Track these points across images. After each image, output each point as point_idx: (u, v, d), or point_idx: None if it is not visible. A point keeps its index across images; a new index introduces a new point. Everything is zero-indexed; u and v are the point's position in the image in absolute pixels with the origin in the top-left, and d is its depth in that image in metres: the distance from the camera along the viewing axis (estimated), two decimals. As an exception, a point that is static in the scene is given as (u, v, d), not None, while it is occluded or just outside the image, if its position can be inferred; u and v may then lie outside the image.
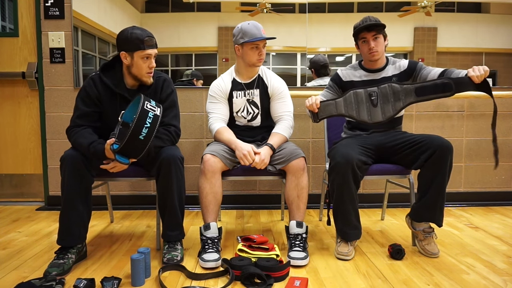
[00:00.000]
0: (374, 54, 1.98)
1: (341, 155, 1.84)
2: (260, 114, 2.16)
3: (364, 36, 1.98)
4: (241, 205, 2.87)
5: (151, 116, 1.66)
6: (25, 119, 2.88)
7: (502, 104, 2.89)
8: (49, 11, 2.72)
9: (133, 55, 1.81)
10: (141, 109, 1.64)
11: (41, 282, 1.50)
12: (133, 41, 1.79)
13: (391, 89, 1.85)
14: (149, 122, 1.65)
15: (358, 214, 1.91)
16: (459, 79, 1.79)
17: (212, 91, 2.15)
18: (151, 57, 1.84)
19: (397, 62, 2.06)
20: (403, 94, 1.84)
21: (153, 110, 1.68)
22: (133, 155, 1.72)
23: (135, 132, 1.63)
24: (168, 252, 1.83)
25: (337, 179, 1.84)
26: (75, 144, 1.81)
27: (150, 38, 1.82)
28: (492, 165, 2.93)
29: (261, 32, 2.01)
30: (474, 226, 2.40)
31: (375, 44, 1.96)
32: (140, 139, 1.64)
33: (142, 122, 1.63)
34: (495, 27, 2.87)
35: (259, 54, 2.03)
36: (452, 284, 1.60)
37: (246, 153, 1.92)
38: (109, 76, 1.89)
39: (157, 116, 1.69)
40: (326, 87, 2.15)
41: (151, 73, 1.88)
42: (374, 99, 1.86)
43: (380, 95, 1.86)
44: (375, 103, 1.86)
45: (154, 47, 1.84)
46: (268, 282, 1.56)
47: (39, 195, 2.93)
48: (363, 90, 1.87)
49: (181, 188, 1.87)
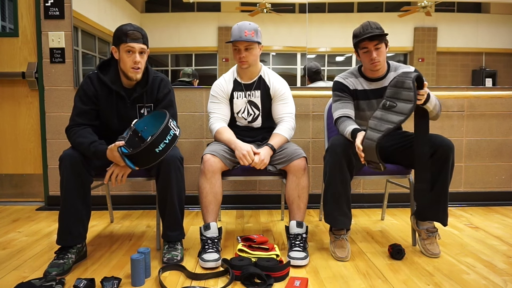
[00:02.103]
0: (376, 64, 1.90)
1: (337, 139, 1.87)
2: (260, 116, 2.15)
3: (365, 46, 1.88)
4: (241, 205, 2.87)
5: (172, 134, 1.73)
6: (25, 119, 2.87)
7: (502, 104, 2.89)
8: (49, 11, 2.72)
9: (119, 49, 1.82)
10: (165, 125, 1.71)
11: (41, 282, 1.50)
12: (118, 34, 1.81)
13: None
14: (168, 139, 1.72)
15: (350, 202, 1.89)
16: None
17: (213, 91, 2.15)
18: (134, 50, 1.80)
19: (399, 69, 1.98)
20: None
21: (174, 129, 1.76)
22: (141, 165, 1.75)
23: (153, 145, 1.67)
24: (168, 252, 1.83)
25: (331, 160, 1.84)
26: (75, 143, 1.80)
27: (134, 32, 1.79)
28: (492, 165, 2.93)
29: (242, 35, 1.98)
30: (474, 226, 2.40)
31: (377, 54, 1.87)
32: (156, 151, 1.69)
33: (163, 138, 1.70)
34: (495, 27, 2.87)
35: (240, 56, 2.03)
36: (452, 284, 1.60)
37: (245, 153, 1.92)
38: (106, 74, 1.90)
39: (176, 136, 1.77)
40: (337, 99, 2.02)
41: (137, 69, 1.84)
42: (389, 104, 1.77)
43: (391, 100, 1.78)
44: (393, 105, 1.76)
45: (138, 41, 1.80)
46: (268, 282, 1.56)
47: (39, 195, 2.93)
48: (377, 111, 1.78)
49: (181, 188, 1.87)
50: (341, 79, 2.04)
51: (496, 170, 2.94)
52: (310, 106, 2.83)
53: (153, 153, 1.69)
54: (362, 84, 2.01)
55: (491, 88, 2.88)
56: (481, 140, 2.92)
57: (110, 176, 1.82)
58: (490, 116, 2.90)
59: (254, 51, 2.03)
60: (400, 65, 2.02)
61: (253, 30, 2.00)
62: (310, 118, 2.84)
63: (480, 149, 2.92)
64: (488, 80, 2.89)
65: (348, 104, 2.00)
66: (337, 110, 2.00)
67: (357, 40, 1.89)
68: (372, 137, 1.70)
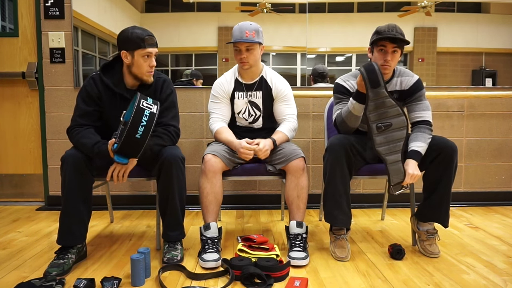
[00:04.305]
0: (386, 67, 1.86)
1: (337, 138, 1.87)
2: (262, 117, 2.15)
3: (384, 45, 1.83)
4: (241, 205, 2.86)
5: (147, 114, 1.66)
6: (25, 119, 2.87)
7: (502, 104, 2.89)
8: (49, 11, 2.72)
9: (133, 54, 1.82)
10: (136, 107, 1.64)
11: (41, 282, 1.50)
12: (133, 39, 1.80)
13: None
14: (145, 120, 1.65)
15: (350, 201, 1.89)
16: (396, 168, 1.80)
17: (214, 90, 2.15)
18: (151, 55, 1.84)
19: (404, 77, 1.96)
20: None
21: (149, 108, 1.68)
22: (132, 154, 1.73)
23: (131, 131, 1.63)
24: (168, 252, 1.83)
25: (331, 158, 1.85)
26: (77, 144, 1.81)
27: (150, 37, 1.83)
28: (492, 165, 2.93)
29: (243, 35, 1.98)
30: (474, 226, 2.40)
31: (391, 58, 1.83)
32: (137, 137, 1.64)
33: (138, 120, 1.64)
34: (495, 27, 2.87)
35: (240, 57, 2.02)
36: (452, 284, 1.60)
37: (243, 150, 1.92)
38: (109, 76, 1.89)
39: (154, 114, 1.69)
40: (338, 101, 2.01)
41: (152, 72, 1.88)
42: (384, 125, 1.80)
43: (382, 122, 1.81)
44: (388, 125, 1.80)
45: (154, 46, 1.85)
46: (268, 282, 1.56)
47: (39, 195, 2.93)
48: (374, 126, 1.80)
49: (182, 188, 1.87)
50: (342, 81, 2.02)
51: (496, 170, 2.94)
52: (310, 106, 2.83)
53: (135, 139, 1.64)
54: None
55: (491, 88, 2.88)
56: (481, 140, 2.92)
57: (111, 173, 1.82)
58: (490, 116, 2.90)
59: (255, 52, 2.03)
60: (406, 71, 1.99)
61: (254, 31, 2.00)
62: (310, 118, 2.84)
63: (480, 149, 2.92)
64: (488, 80, 2.90)
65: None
66: (337, 111, 2.00)
67: (379, 37, 1.83)
68: (395, 159, 1.79)
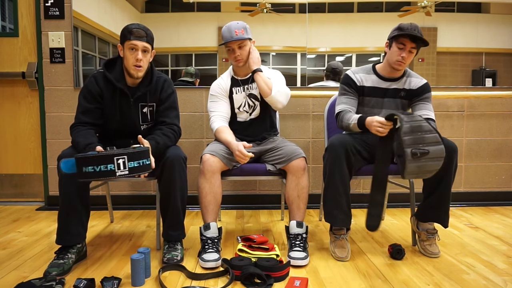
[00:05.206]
0: (401, 64, 1.90)
1: (337, 138, 1.88)
2: (259, 105, 2.17)
3: (404, 42, 1.86)
4: (241, 205, 2.86)
5: (105, 169, 1.54)
6: (25, 119, 2.87)
7: (502, 104, 2.89)
8: (49, 11, 2.72)
9: (123, 46, 1.85)
10: (107, 154, 1.53)
11: (41, 282, 1.50)
12: (123, 32, 1.84)
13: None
14: (95, 168, 1.53)
15: (350, 201, 1.89)
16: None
17: (212, 90, 2.18)
18: (137, 48, 1.82)
19: (413, 78, 2.00)
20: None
21: (116, 168, 1.55)
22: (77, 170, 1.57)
23: (81, 163, 1.52)
24: (168, 252, 1.83)
25: (330, 158, 1.86)
26: (74, 141, 1.81)
27: (138, 30, 1.82)
28: (492, 165, 2.93)
29: (233, 35, 2.02)
30: (474, 226, 2.40)
31: (408, 56, 1.88)
32: (83, 169, 1.53)
33: (95, 161, 1.52)
34: (495, 27, 2.87)
35: (235, 56, 2.06)
36: (452, 284, 1.60)
37: (238, 153, 1.90)
38: (112, 71, 1.91)
39: (113, 172, 1.55)
40: (343, 93, 2.03)
41: (139, 67, 1.85)
42: (420, 152, 1.70)
43: (418, 148, 1.72)
44: (425, 152, 1.70)
45: (141, 40, 1.82)
46: (268, 282, 1.56)
47: (39, 195, 2.93)
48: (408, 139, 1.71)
49: (183, 188, 1.87)
50: (351, 74, 2.04)
51: (496, 170, 2.94)
52: (310, 106, 2.83)
53: (81, 170, 1.52)
54: (372, 81, 2.01)
55: (491, 88, 2.88)
56: (481, 140, 2.92)
57: None
58: (490, 116, 2.90)
59: (247, 48, 2.08)
60: (415, 73, 2.04)
61: (242, 28, 2.05)
62: (310, 118, 2.84)
63: (480, 149, 2.92)
64: (488, 80, 2.90)
65: (352, 100, 2.02)
66: (341, 104, 2.02)
67: (401, 34, 1.85)
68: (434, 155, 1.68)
